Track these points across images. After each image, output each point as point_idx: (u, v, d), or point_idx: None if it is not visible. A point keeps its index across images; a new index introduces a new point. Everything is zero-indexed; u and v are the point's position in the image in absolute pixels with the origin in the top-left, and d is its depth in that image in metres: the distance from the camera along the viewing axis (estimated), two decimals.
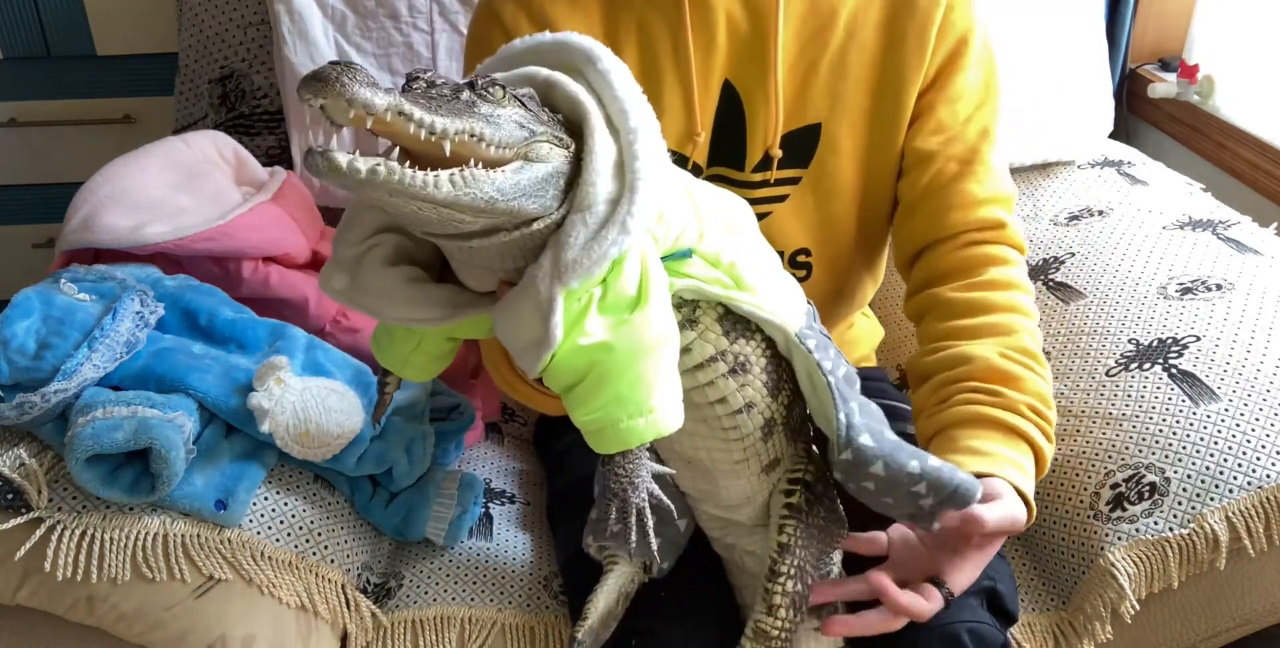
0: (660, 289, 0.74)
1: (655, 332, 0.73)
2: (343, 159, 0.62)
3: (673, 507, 0.84)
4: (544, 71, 0.75)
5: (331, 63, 0.60)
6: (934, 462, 0.84)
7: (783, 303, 0.84)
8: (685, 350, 0.80)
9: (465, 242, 0.72)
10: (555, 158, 0.71)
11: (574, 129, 0.74)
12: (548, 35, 0.78)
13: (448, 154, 0.65)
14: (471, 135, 0.66)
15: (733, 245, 0.81)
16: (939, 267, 1.07)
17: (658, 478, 0.79)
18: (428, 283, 0.79)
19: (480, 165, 0.66)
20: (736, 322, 0.83)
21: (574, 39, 0.76)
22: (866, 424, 0.83)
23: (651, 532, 0.79)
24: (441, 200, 0.65)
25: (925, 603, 0.86)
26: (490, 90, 0.68)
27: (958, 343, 1.00)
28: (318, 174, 0.62)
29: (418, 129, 0.63)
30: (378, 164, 0.62)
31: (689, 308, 0.80)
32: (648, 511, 0.78)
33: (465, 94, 0.68)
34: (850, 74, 1.05)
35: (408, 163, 0.64)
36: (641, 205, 0.70)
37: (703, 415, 0.84)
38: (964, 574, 0.89)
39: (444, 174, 0.65)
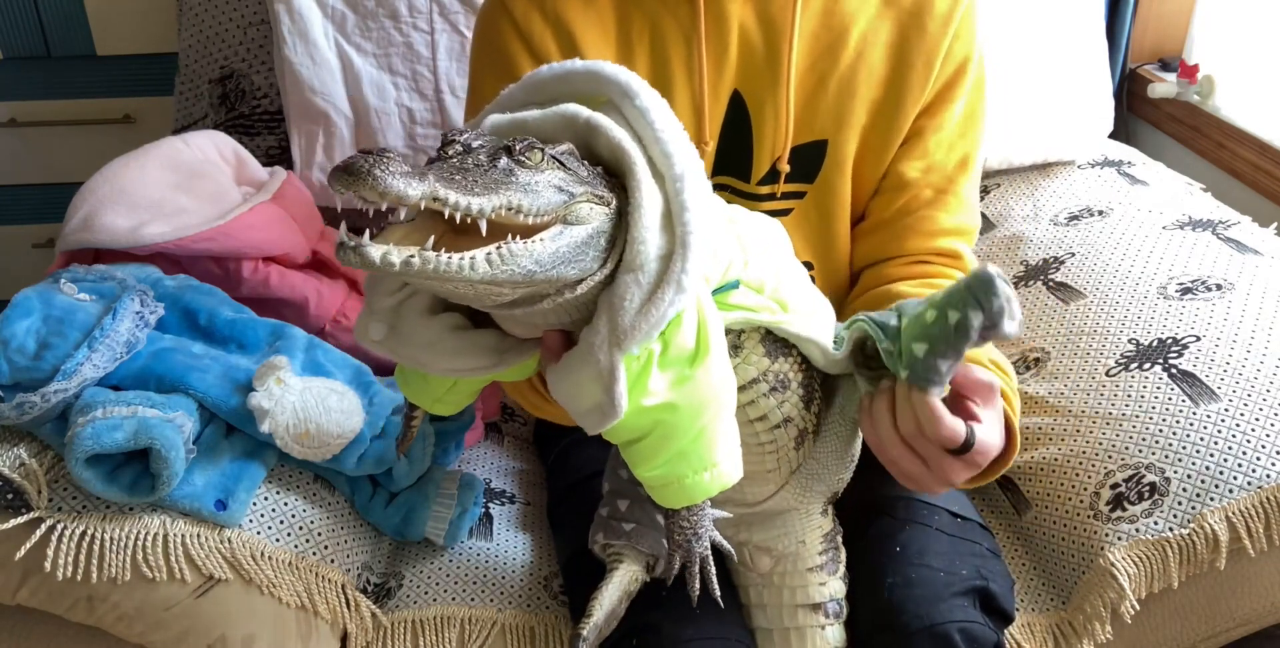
0: (718, 336, 0.73)
1: (716, 383, 0.72)
2: (375, 253, 0.60)
3: (732, 550, 0.85)
4: (585, 113, 0.72)
5: (362, 152, 0.59)
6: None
7: (820, 320, 0.84)
8: None
9: (509, 310, 0.71)
10: (596, 217, 0.69)
11: (615, 171, 0.72)
12: (579, 63, 0.75)
13: (484, 233, 0.64)
14: (509, 209, 0.64)
15: (773, 268, 0.80)
16: (888, 275, 1.09)
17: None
18: (470, 330, 0.77)
19: (517, 237, 0.65)
20: (777, 341, 0.83)
21: (608, 70, 0.73)
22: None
23: (714, 579, 0.81)
24: (479, 280, 0.64)
25: (952, 422, 0.80)
26: (528, 155, 0.67)
27: None
28: (350, 266, 0.61)
29: (453, 211, 0.62)
30: (411, 256, 0.61)
31: (733, 335, 0.80)
32: (710, 558, 0.80)
33: (503, 161, 0.66)
34: (858, 93, 1.05)
35: (442, 249, 0.62)
36: (695, 261, 0.68)
37: (739, 433, 0.84)
38: (983, 427, 0.83)
39: (479, 254, 0.63)
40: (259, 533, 1.01)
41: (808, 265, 1.13)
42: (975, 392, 0.84)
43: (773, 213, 1.09)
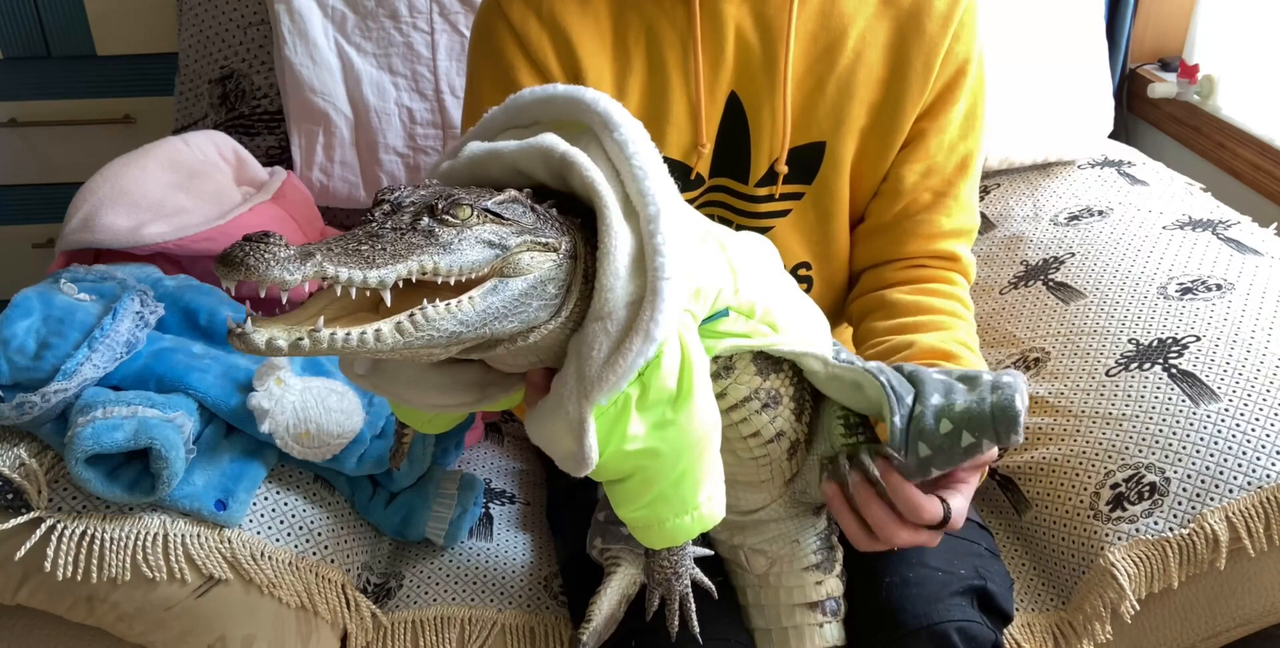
0: (703, 375, 0.71)
1: (700, 426, 0.71)
2: (260, 339, 0.58)
3: (713, 586, 0.85)
4: (561, 148, 0.69)
5: (244, 239, 0.57)
6: (959, 402, 0.80)
7: (814, 333, 0.84)
8: (720, 395, 0.79)
9: (465, 356, 0.69)
10: (540, 266, 0.66)
11: (589, 206, 0.69)
12: (560, 87, 0.73)
13: (388, 304, 0.61)
14: (422, 273, 0.62)
15: (763, 289, 0.79)
16: (886, 279, 1.10)
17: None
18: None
19: (436, 299, 0.62)
20: (768, 358, 0.82)
21: (589, 97, 0.71)
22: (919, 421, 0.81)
23: (694, 617, 0.81)
24: (391, 350, 0.62)
25: (930, 505, 0.82)
26: (454, 212, 0.64)
27: (899, 337, 1.02)
28: (240, 351, 0.59)
29: (346, 287, 0.59)
30: (300, 338, 0.59)
31: (725, 357, 0.79)
32: (690, 596, 0.80)
33: (424, 220, 0.64)
34: (856, 94, 1.05)
35: (336, 325, 0.60)
36: (666, 310, 0.66)
37: (733, 448, 0.84)
38: (959, 498, 0.85)
39: (385, 325, 0.61)
40: (259, 533, 1.01)
41: (805, 266, 1.13)
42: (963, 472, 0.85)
43: (771, 214, 1.09)
